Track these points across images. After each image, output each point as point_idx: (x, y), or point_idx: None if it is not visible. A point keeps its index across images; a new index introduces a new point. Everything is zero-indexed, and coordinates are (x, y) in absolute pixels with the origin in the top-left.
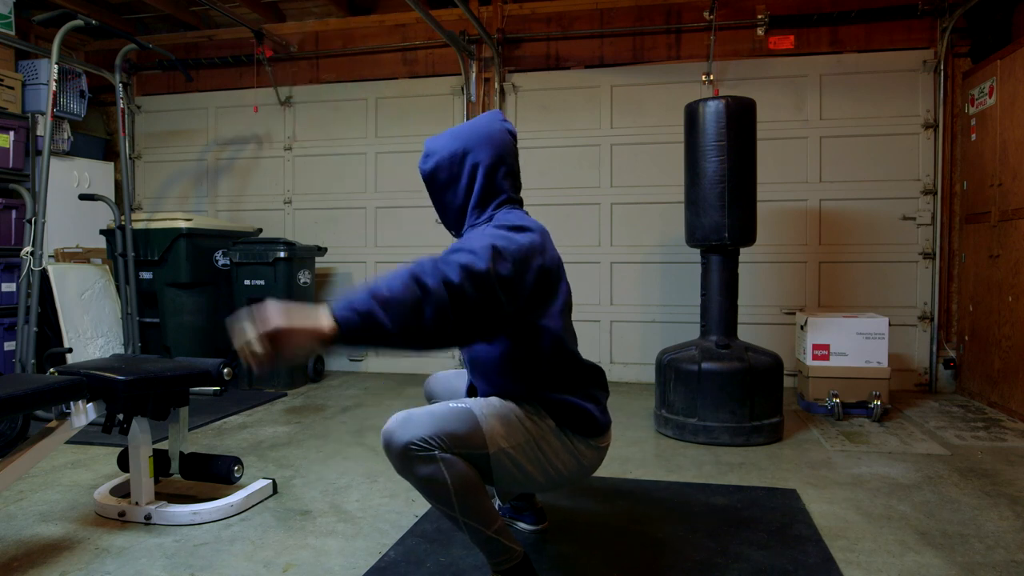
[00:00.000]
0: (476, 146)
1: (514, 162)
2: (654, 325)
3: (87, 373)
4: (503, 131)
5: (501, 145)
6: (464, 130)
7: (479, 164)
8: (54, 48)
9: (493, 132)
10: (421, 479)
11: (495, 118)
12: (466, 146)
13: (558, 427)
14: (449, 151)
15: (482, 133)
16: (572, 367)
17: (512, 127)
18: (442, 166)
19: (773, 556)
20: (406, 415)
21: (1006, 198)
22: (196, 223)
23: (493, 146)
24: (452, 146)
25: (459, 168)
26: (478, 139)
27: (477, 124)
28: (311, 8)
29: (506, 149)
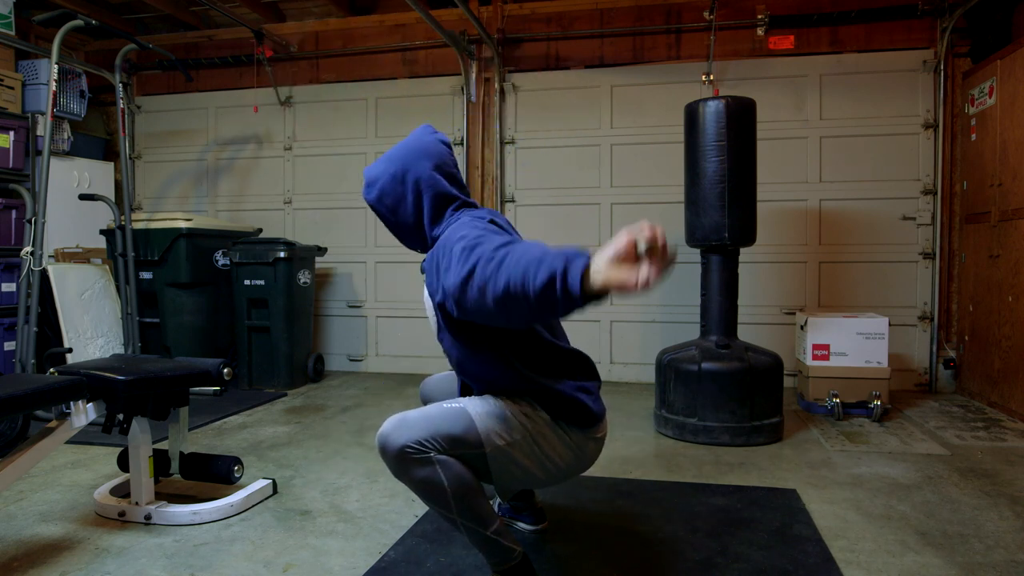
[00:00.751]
0: (413, 162)
1: (454, 170)
2: (654, 325)
3: (87, 373)
4: (436, 143)
5: (437, 156)
6: (397, 151)
7: (420, 179)
8: (54, 48)
9: (426, 145)
10: (418, 482)
11: (425, 132)
12: (404, 166)
13: (553, 420)
14: (389, 174)
15: (416, 149)
16: (557, 357)
17: (445, 137)
18: (386, 191)
19: (773, 556)
20: (401, 418)
21: (1006, 198)
22: (196, 223)
23: (429, 158)
24: (391, 169)
25: (402, 188)
26: (413, 156)
27: (409, 142)
28: (311, 8)
29: (443, 159)
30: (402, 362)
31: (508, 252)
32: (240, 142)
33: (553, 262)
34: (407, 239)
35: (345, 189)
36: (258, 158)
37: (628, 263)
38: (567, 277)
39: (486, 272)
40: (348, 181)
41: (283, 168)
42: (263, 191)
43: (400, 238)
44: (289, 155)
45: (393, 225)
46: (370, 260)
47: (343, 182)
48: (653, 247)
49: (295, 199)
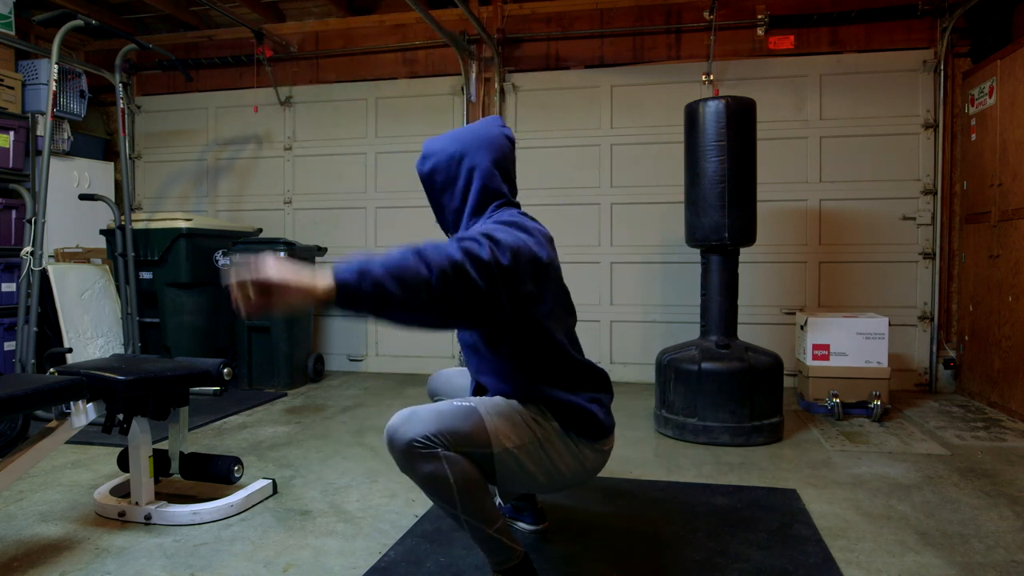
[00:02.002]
0: (474, 150)
1: (511, 167)
2: (654, 325)
3: (87, 373)
4: (501, 136)
5: (499, 150)
6: (463, 133)
7: (476, 168)
8: (54, 48)
9: (492, 137)
10: (424, 476)
11: (494, 123)
12: (464, 149)
13: (563, 429)
14: (447, 154)
15: (481, 137)
16: (574, 369)
17: (511, 133)
18: (439, 168)
19: (773, 556)
20: (410, 412)
21: (1006, 198)
22: (196, 223)
23: (491, 150)
24: (450, 149)
25: (456, 171)
26: (476, 143)
27: (476, 128)
28: (311, 8)
29: (503, 154)
30: (402, 362)
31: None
32: (240, 142)
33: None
34: (444, 220)
35: (345, 189)
36: (258, 158)
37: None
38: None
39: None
40: (348, 181)
41: (283, 168)
42: (263, 191)
43: (438, 217)
44: (289, 155)
45: (437, 203)
46: None
47: (343, 182)
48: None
49: (295, 199)
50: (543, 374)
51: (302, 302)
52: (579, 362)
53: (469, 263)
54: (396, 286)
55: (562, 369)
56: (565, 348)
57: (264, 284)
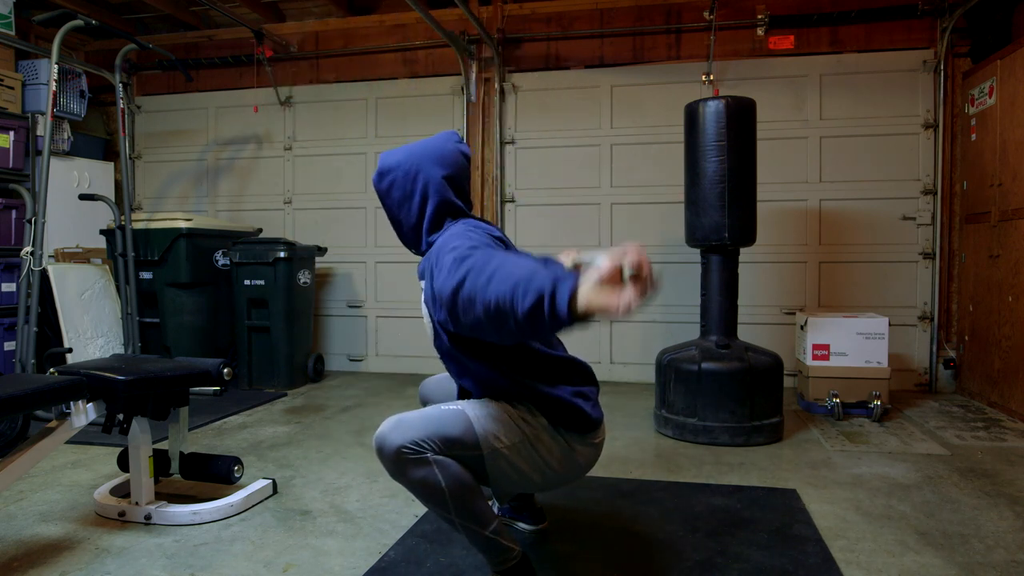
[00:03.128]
0: (429, 165)
1: (466, 183)
2: (654, 325)
3: (87, 373)
4: (456, 152)
5: (454, 164)
6: (418, 148)
7: (430, 182)
8: (54, 48)
9: (447, 152)
10: (415, 482)
11: (450, 138)
12: (419, 165)
13: (551, 425)
14: (403, 170)
15: (436, 153)
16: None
17: (467, 149)
18: (396, 184)
19: (773, 556)
20: (398, 419)
21: (1006, 198)
22: (196, 223)
23: (445, 165)
24: (406, 165)
25: (412, 186)
26: (431, 159)
27: (431, 143)
28: (311, 8)
29: (459, 169)
30: (402, 362)
31: (497, 267)
32: (240, 142)
33: (541, 283)
34: (404, 236)
35: (345, 189)
36: (258, 158)
37: (612, 287)
38: (555, 300)
39: (476, 285)
40: (348, 181)
41: (283, 168)
42: (263, 191)
43: (398, 233)
44: (289, 155)
45: (395, 219)
46: (370, 260)
47: (343, 182)
48: (638, 272)
49: (295, 199)
50: (523, 374)
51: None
52: (556, 357)
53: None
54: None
55: (538, 366)
56: (540, 349)
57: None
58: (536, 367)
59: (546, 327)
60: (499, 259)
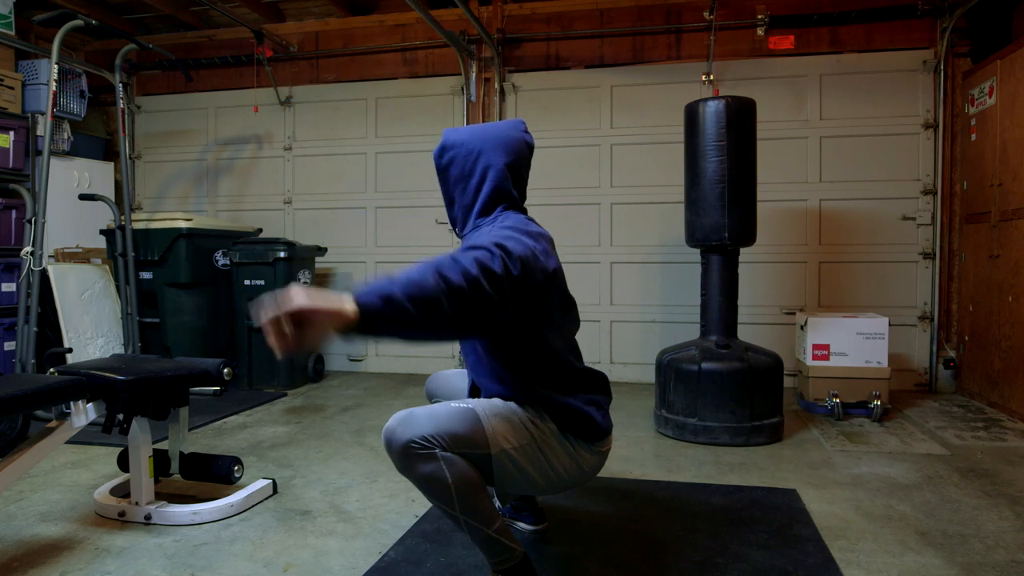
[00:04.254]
0: (492, 149)
1: (525, 173)
2: (654, 325)
3: (87, 373)
4: (522, 141)
5: (516, 153)
6: (485, 131)
7: (491, 167)
8: (54, 48)
9: (512, 140)
10: (422, 477)
11: (518, 126)
12: (482, 147)
13: (560, 431)
14: (467, 148)
15: (501, 138)
16: (570, 373)
17: (532, 140)
18: (456, 161)
19: (773, 556)
20: (407, 413)
21: (1006, 198)
22: (196, 223)
23: (509, 152)
24: (470, 144)
25: (472, 167)
26: (496, 143)
27: (499, 128)
28: (311, 8)
29: (521, 158)
30: (402, 362)
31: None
32: (240, 142)
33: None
34: (454, 214)
35: (345, 189)
36: (258, 158)
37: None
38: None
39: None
40: (348, 181)
41: (283, 168)
42: (263, 191)
43: (448, 209)
44: (289, 155)
45: (448, 195)
46: (370, 260)
47: (343, 182)
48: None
49: (295, 199)
50: (538, 378)
51: (332, 326)
52: (576, 368)
53: (483, 277)
54: (416, 308)
55: (558, 374)
56: (561, 355)
57: (296, 314)
58: (554, 374)
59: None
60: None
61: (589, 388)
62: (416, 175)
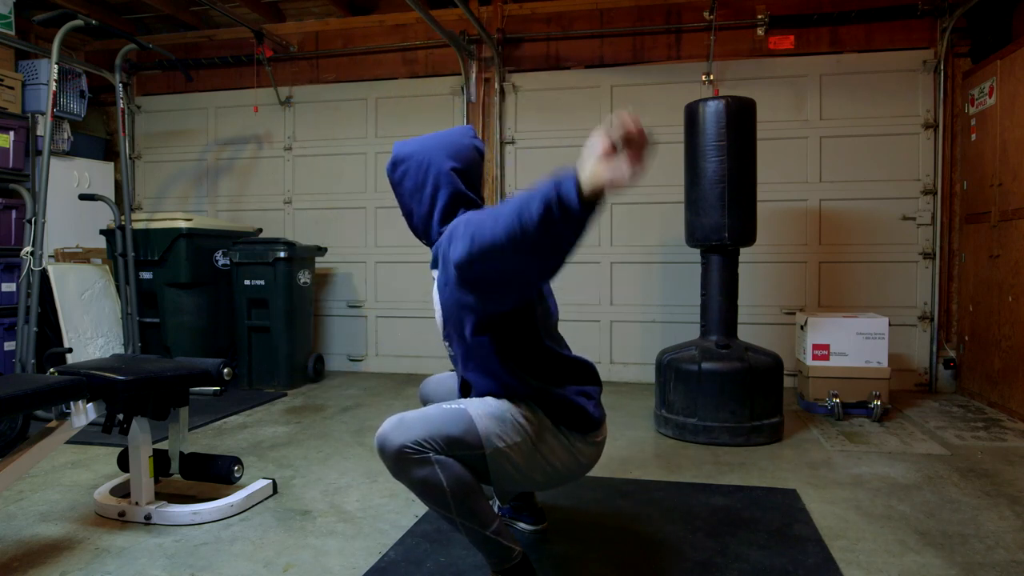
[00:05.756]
0: (443, 157)
1: (478, 179)
2: (654, 325)
3: (87, 373)
4: (471, 147)
5: (467, 159)
6: (434, 140)
7: (443, 174)
8: (54, 48)
9: (462, 145)
10: (416, 482)
11: (467, 133)
12: (432, 157)
13: (553, 425)
14: (417, 160)
15: (451, 145)
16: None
17: (481, 145)
18: (409, 173)
19: (773, 556)
20: (399, 418)
21: (1006, 198)
22: (196, 223)
23: (459, 159)
24: (419, 155)
25: (424, 177)
26: (446, 151)
27: (447, 136)
28: (311, 8)
29: (471, 164)
30: (402, 362)
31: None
32: (240, 142)
33: (543, 190)
34: (415, 226)
35: (345, 189)
36: (258, 158)
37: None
38: (561, 195)
39: (484, 232)
40: (348, 181)
41: (283, 168)
42: (263, 191)
43: (408, 222)
44: (289, 155)
45: (406, 208)
46: (370, 260)
47: (343, 182)
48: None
49: (295, 199)
50: (528, 368)
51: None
52: (564, 356)
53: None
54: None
55: (546, 363)
56: (548, 344)
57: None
58: (543, 363)
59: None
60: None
61: (578, 378)
62: None
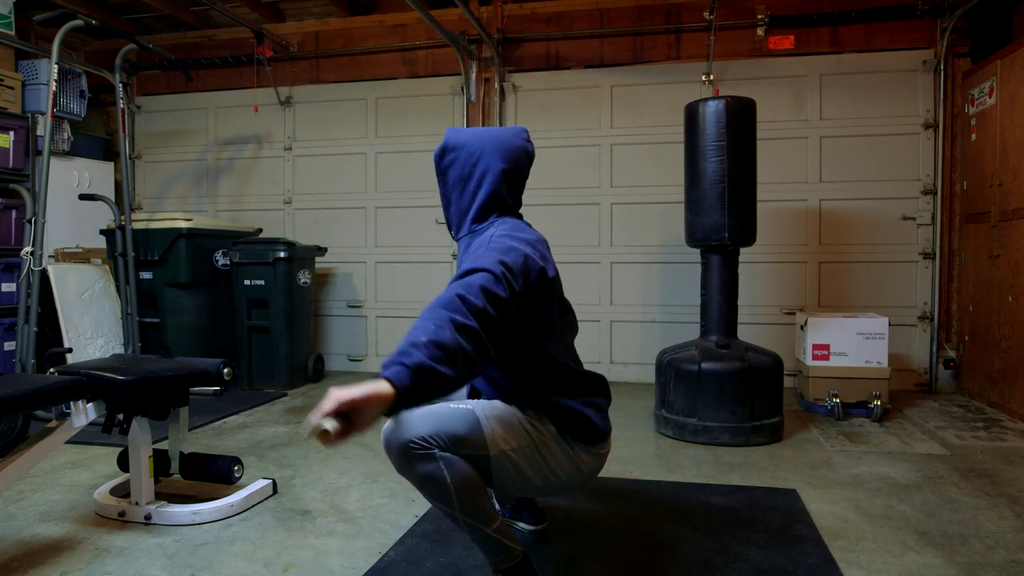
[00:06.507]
0: (493, 154)
1: (523, 180)
2: (654, 325)
3: (87, 373)
4: (523, 148)
5: (516, 160)
6: (487, 135)
7: (489, 172)
8: (54, 48)
9: (513, 146)
10: (421, 477)
11: (520, 134)
12: (483, 151)
13: (559, 433)
14: (467, 151)
15: (503, 143)
16: (568, 377)
17: (532, 149)
18: (457, 163)
19: (773, 556)
20: (407, 414)
21: (1006, 198)
22: (196, 223)
23: (508, 159)
24: (471, 147)
25: (471, 170)
26: (497, 148)
27: (501, 133)
28: (311, 8)
29: (519, 165)
30: None
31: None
32: (240, 142)
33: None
34: (450, 215)
35: (345, 189)
36: (258, 158)
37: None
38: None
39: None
40: (348, 181)
41: (283, 168)
42: (263, 191)
43: (445, 210)
44: (289, 155)
45: (446, 197)
46: (370, 260)
47: (343, 182)
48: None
49: (295, 199)
50: (536, 382)
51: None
52: (575, 371)
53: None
54: (445, 366)
55: (555, 378)
56: (560, 360)
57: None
58: (551, 378)
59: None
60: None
61: (588, 391)
62: (416, 175)
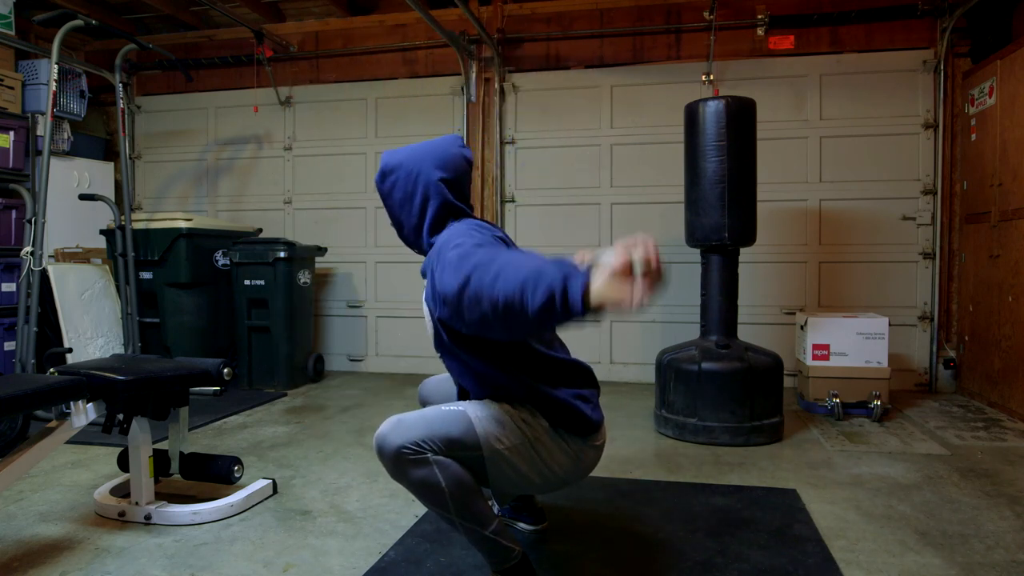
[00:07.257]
0: (432, 166)
1: (466, 187)
2: (654, 325)
3: (87, 373)
4: (460, 155)
5: (456, 168)
6: (422, 149)
7: (432, 185)
8: (54, 48)
9: (450, 154)
10: (415, 482)
11: (454, 142)
12: (422, 167)
13: (551, 427)
14: (406, 170)
15: (439, 155)
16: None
17: (469, 153)
18: (399, 184)
19: (773, 556)
20: (398, 419)
21: (1006, 198)
22: (196, 223)
23: (448, 169)
24: (408, 165)
25: (414, 187)
26: (434, 160)
27: (434, 145)
28: (311, 8)
29: (460, 173)
30: (402, 362)
31: (503, 264)
32: (240, 142)
33: (551, 278)
34: (405, 236)
35: (345, 189)
36: (258, 158)
37: (624, 281)
38: (567, 295)
39: (482, 282)
40: (348, 181)
41: (283, 168)
42: (263, 191)
43: (399, 233)
44: (289, 155)
45: (396, 219)
46: (370, 260)
47: (343, 182)
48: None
49: (295, 199)
50: (521, 373)
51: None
52: (557, 359)
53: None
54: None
55: (539, 367)
56: (541, 351)
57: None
58: (537, 368)
59: (557, 322)
60: (504, 256)
61: (574, 381)
62: None
